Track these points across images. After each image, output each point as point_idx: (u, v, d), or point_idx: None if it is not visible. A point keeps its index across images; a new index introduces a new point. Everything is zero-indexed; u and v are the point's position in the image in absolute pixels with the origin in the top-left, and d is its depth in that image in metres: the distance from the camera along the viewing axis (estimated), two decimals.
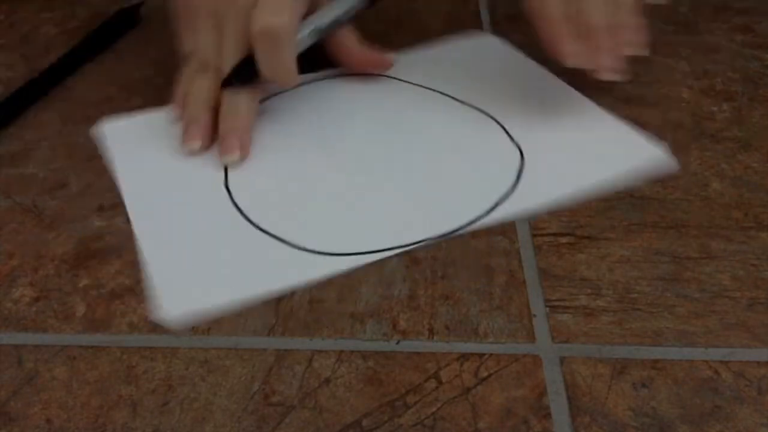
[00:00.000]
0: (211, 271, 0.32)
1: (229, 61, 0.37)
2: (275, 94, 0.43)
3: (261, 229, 0.34)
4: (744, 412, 0.26)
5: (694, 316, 0.30)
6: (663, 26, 0.49)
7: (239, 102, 0.38)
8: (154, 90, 0.44)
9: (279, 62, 0.36)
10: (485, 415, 0.26)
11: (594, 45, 0.37)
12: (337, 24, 0.40)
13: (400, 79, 0.44)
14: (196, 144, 0.38)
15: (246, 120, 0.38)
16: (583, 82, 0.41)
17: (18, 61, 0.47)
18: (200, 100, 0.38)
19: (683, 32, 0.48)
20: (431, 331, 0.29)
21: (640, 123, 0.40)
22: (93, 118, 0.42)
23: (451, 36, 0.47)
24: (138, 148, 0.39)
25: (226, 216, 0.34)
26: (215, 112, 0.38)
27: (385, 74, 0.44)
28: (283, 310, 0.30)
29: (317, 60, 0.42)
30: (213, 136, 0.38)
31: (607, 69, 0.37)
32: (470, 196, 0.35)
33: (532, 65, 0.44)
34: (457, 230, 0.34)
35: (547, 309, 0.30)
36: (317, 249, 0.33)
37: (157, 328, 0.30)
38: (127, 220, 0.34)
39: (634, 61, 0.45)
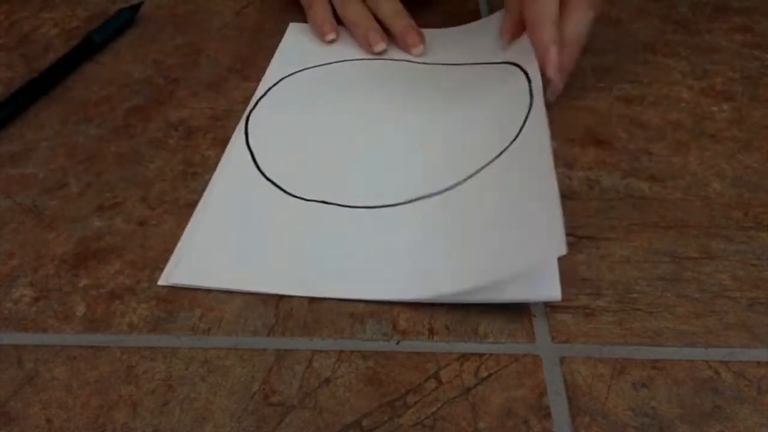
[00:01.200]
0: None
1: None
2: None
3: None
4: (744, 412, 0.26)
5: (694, 316, 0.30)
6: (663, 26, 0.49)
7: (397, 6, 0.46)
8: (154, 90, 0.44)
9: None
10: (485, 415, 0.26)
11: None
12: None
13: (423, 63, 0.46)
14: (384, 45, 0.46)
15: (410, 18, 0.46)
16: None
17: (18, 61, 0.47)
18: (365, 14, 0.47)
19: (683, 32, 0.48)
20: (431, 331, 0.29)
21: (640, 123, 0.40)
22: (93, 118, 0.42)
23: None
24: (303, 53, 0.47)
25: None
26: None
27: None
28: (283, 310, 0.30)
29: None
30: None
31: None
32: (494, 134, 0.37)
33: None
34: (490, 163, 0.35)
35: (547, 309, 0.30)
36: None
37: (157, 327, 0.30)
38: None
39: (634, 61, 0.45)
